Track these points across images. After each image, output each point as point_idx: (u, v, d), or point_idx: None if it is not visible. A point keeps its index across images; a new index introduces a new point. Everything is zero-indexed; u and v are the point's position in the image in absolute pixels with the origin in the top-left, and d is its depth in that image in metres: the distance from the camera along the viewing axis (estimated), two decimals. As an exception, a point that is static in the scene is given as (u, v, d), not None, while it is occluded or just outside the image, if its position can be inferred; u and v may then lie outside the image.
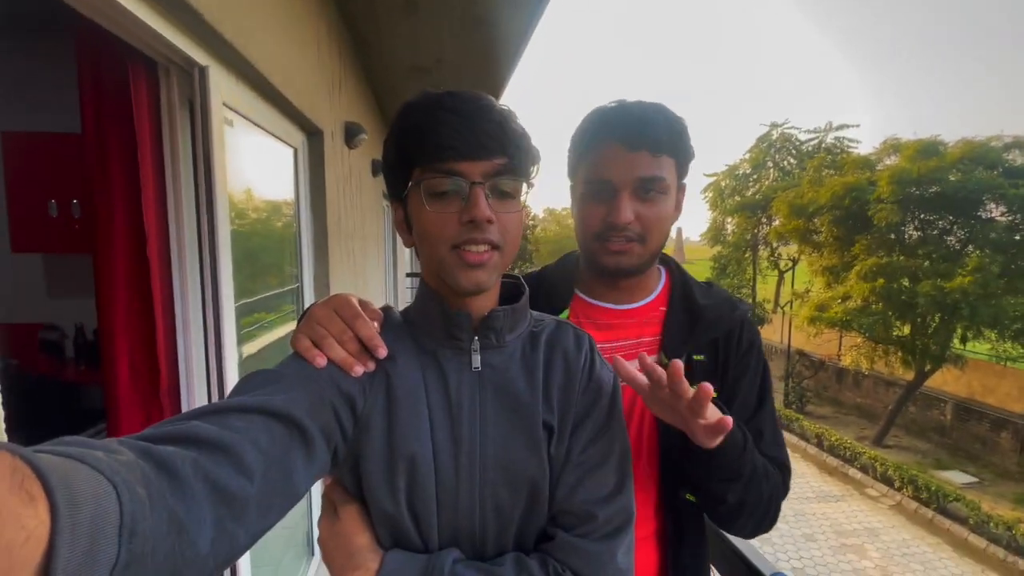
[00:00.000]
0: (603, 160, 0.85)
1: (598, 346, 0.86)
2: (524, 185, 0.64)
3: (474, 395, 0.65)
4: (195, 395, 1.34)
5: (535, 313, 0.75)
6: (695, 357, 0.89)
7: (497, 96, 4.23)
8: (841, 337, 13.09)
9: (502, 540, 0.65)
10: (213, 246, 1.31)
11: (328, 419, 0.57)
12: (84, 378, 2.64)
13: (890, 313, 10.53)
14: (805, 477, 10.30)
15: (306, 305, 2.23)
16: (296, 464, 0.52)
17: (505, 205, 0.62)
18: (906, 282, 10.54)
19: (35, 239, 2.60)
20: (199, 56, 1.21)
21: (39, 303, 2.89)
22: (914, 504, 8.78)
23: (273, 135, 1.84)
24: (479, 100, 0.62)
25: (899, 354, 11.06)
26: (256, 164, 1.71)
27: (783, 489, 0.86)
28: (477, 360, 0.66)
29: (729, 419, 0.68)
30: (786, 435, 11.97)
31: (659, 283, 0.97)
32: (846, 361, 12.66)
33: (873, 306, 10.59)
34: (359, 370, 0.61)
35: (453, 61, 3.33)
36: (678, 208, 0.90)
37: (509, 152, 0.61)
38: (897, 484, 9.20)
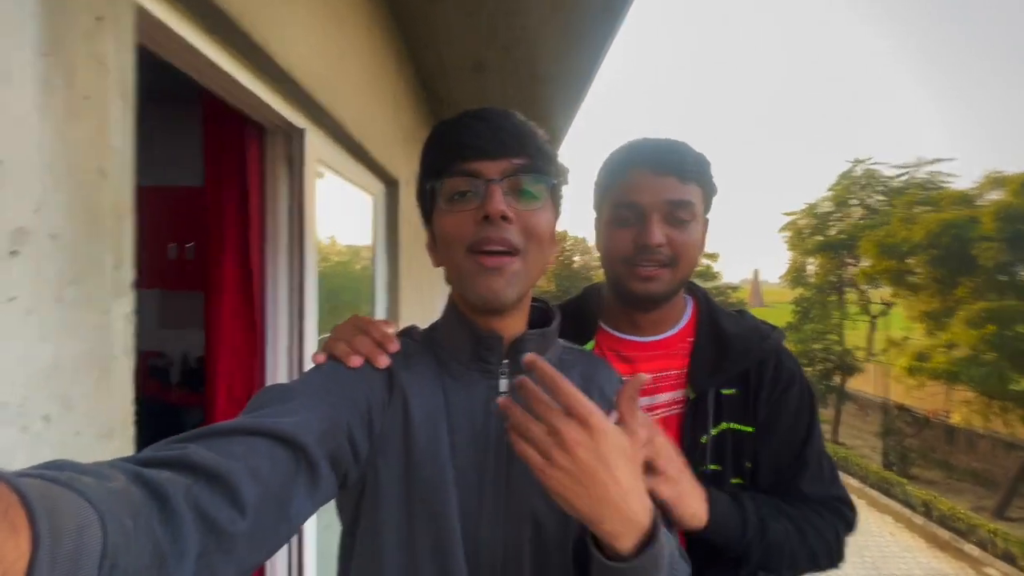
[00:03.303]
0: (632, 185, 0.85)
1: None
2: (551, 186, 0.63)
3: (499, 421, 0.62)
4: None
5: (563, 341, 0.74)
6: (724, 392, 0.86)
7: (557, 142, 4.41)
8: (948, 391, 11.72)
9: (525, 570, 0.61)
10: (302, 285, 1.47)
11: (340, 443, 0.55)
12: (185, 400, 2.95)
13: (1005, 364, 9.34)
14: (912, 552, 9.09)
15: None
16: (297, 493, 0.49)
17: (527, 206, 0.60)
18: (1022, 329, 9.38)
19: (155, 278, 3.01)
20: (298, 120, 1.41)
21: (150, 334, 3.29)
22: (1050, 590, 7.48)
23: (356, 185, 2.05)
24: (499, 109, 0.63)
25: (1019, 412, 9.71)
26: (341, 211, 1.92)
27: (841, 530, 0.83)
28: (505, 384, 0.64)
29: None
30: (886, 501, 10.76)
31: (685, 313, 0.94)
32: (956, 418, 11.29)
33: (984, 356, 9.46)
34: (383, 361, 0.62)
35: (519, 111, 3.54)
36: (704, 239, 0.90)
37: (530, 152, 0.60)
38: (1021, 563, 7.90)
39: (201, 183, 1.47)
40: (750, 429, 0.86)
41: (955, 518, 9.32)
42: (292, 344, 1.49)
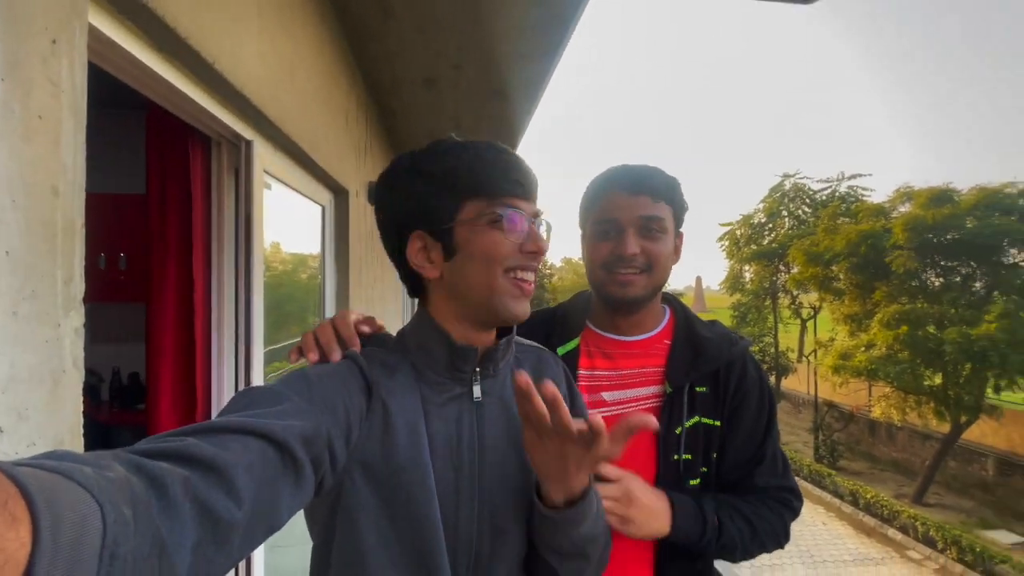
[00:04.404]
0: (610, 204, 0.98)
1: (606, 373, 1.00)
2: (545, 227, 0.75)
3: (472, 424, 0.69)
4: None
5: (518, 339, 0.81)
6: (697, 388, 0.97)
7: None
8: (869, 387, 12.68)
9: (499, 555, 0.69)
10: (248, 297, 1.46)
11: (320, 450, 0.57)
12: (117, 419, 2.79)
13: (918, 361, 10.25)
14: (842, 538, 9.74)
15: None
16: (284, 492, 0.51)
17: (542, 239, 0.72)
18: (932, 329, 10.32)
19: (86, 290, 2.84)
20: (246, 132, 1.42)
21: (80, 350, 3.10)
22: (959, 567, 8.22)
23: (304, 195, 2.05)
24: (516, 153, 0.73)
25: (931, 405, 10.66)
26: (288, 221, 1.91)
27: (788, 517, 0.98)
28: (478, 391, 0.71)
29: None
30: (818, 493, 11.44)
31: (663, 319, 1.06)
32: (876, 412, 12.22)
33: (899, 354, 10.34)
34: (336, 355, 0.68)
35: (469, 126, 3.61)
36: (677, 253, 1.02)
37: (536, 199, 0.72)
38: (940, 545, 8.66)
39: (135, 190, 1.44)
40: (718, 423, 0.97)
41: (879, 505, 10.07)
42: (238, 357, 1.47)
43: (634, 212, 0.95)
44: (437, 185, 0.68)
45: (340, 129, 2.31)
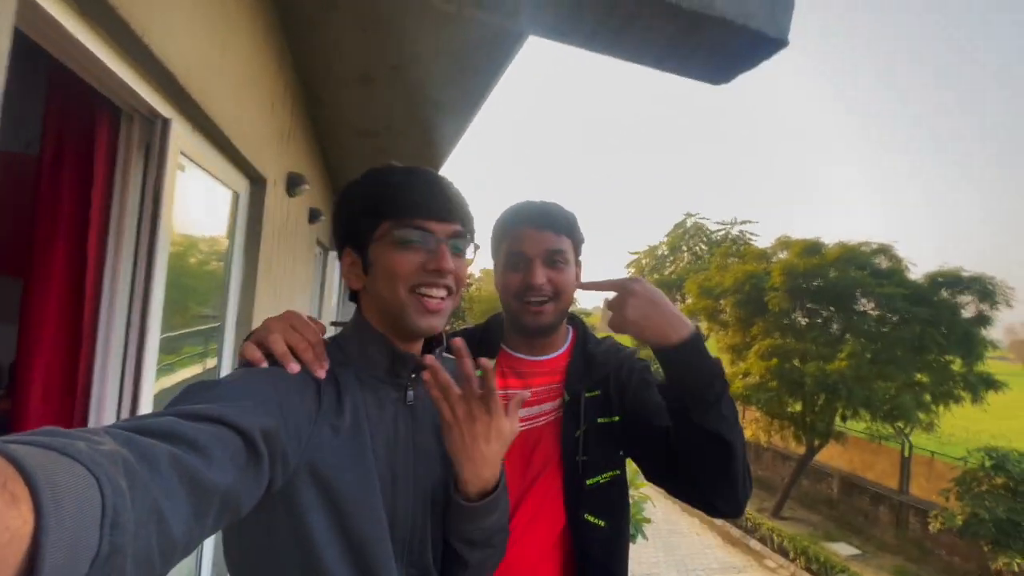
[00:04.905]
0: (519, 238, 1.08)
1: (518, 390, 1.05)
2: (472, 246, 0.80)
3: (408, 425, 0.76)
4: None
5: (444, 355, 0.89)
6: (587, 393, 1.08)
7: (438, 165, 4.52)
8: (744, 411, 14.04)
9: (428, 542, 0.76)
10: (148, 283, 1.35)
11: (276, 448, 0.59)
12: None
13: (783, 390, 11.53)
14: (712, 548, 10.60)
15: (226, 343, 2.24)
16: (248, 482, 0.54)
17: (458, 260, 0.77)
18: (797, 362, 11.68)
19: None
20: (164, 109, 1.33)
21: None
22: (806, 575, 9.28)
23: (219, 180, 1.93)
24: (442, 177, 0.79)
25: (792, 429, 12.02)
26: (198, 206, 1.79)
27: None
28: (411, 395, 0.78)
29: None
30: (691, 507, 12.33)
31: (567, 339, 1.18)
32: (747, 434, 13.53)
33: (769, 383, 11.57)
34: (322, 373, 0.70)
35: (400, 129, 3.58)
36: (578, 279, 1.13)
37: (463, 220, 0.77)
38: (792, 555, 9.72)
39: (15, 148, 1.28)
40: (616, 419, 1.07)
41: (744, 519, 11.11)
42: (128, 347, 1.36)
43: (540, 246, 1.06)
44: (361, 207, 0.76)
45: (265, 115, 2.21)
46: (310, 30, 2.30)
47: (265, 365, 0.68)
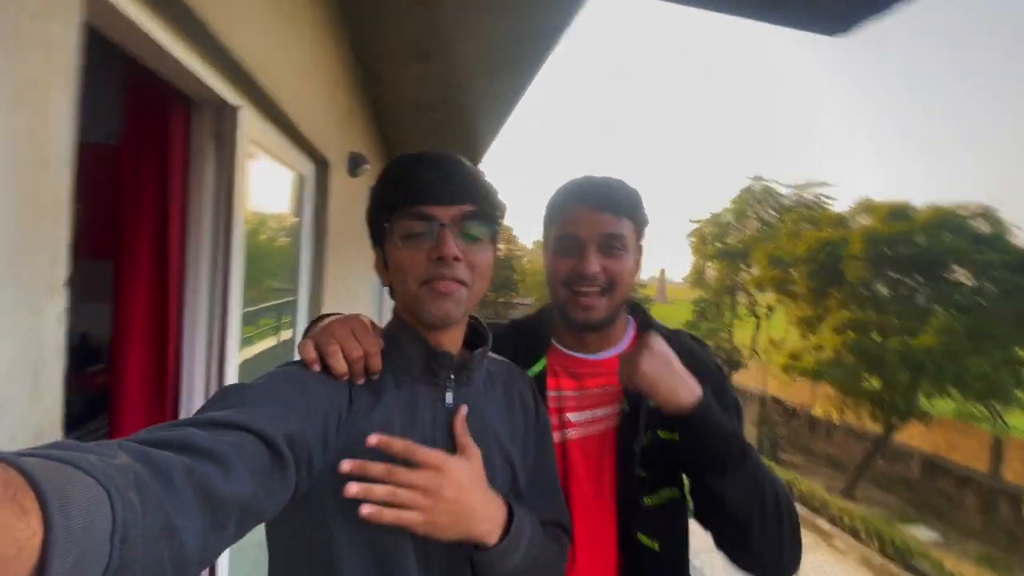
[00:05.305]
0: (572, 219, 0.95)
1: (572, 394, 0.98)
2: (493, 230, 0.72)
3: (447, 430, 0.70)
4: (196, 398, 1.41)
5: (491, 355, 0.82)
6: (651, 404, 0.93)
7: (494, 135, 4.43)
8: (814, 387, 13.37)
9: (465, 563, 0.68)
10: (227, 260, 1.40)
11: (301, 452, 0.57)
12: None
13: (860, 366, 10.82)
14: (775, 525, 10.34)
15: (299, 317, 2.33)
16: (272, 488, 0.53)
17: (473, 247, 0.69)
18: (876, 337, 10.89)
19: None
20: (233, 98, 1.33)
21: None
22: (879, 559, 8.86)
23: (286, 164, 1.96)
24: (451, 157, 0.71)
25: (868, 407, 11.32)
26: (268, 188, 1.83)
27: (785, 493, 0.87)
28: (450, 397, 0.72)
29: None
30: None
31: (627, 334, 1.03)
32: (818, 410, 12.91)
33: (844, 358, 10.89)
34: (360, 380, 0.67)
35: (457, 101, 3.52)
36: (638, 267, 0.99)
37: (476, 200, 0.69)
38: (863, 536, 9.30)
39: (99, 139, 1.33)
40: (675, 435, 0.91)
41: (812, 497, 10.71)
42: (212, 319, 1.42)
43: (596, 229, 0.93)
44: (373, 204, 0.73)
45: (326, 97, 2.21)
46: (370, 8, 2.26)
47: (318, 368, 0.66)
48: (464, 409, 0.70)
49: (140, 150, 1.33)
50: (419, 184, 0.68)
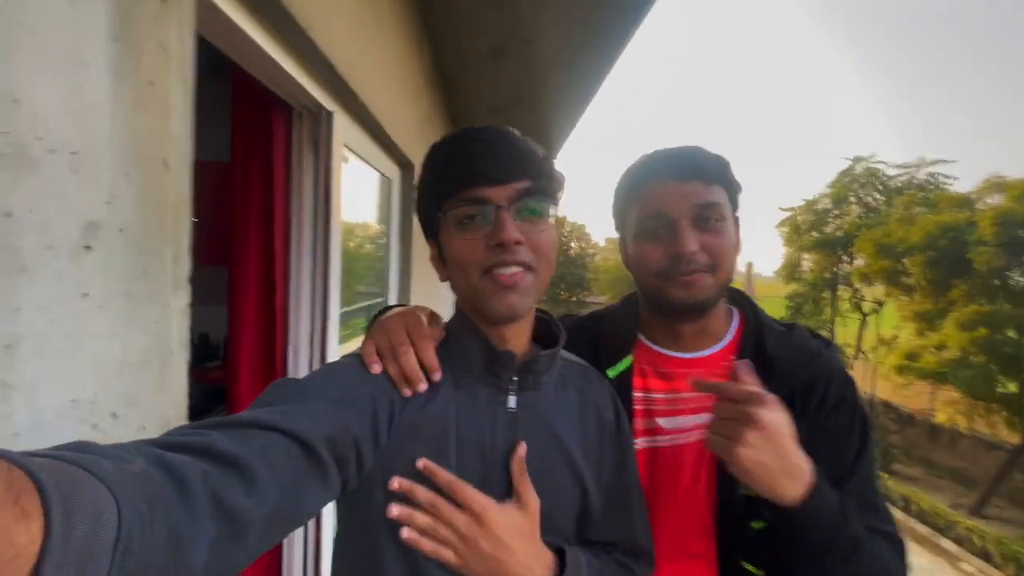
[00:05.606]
0: (655, 195, 0.81)
1: (662, 396, 0.85)
2: (554, 206, 0.66)
3: (508, 437, 0.64)
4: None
5: (564, 354, 0.75)
6: None
7: (568, 132, 4.37)
8: (934, 391, 11.94)
9: None
10: (326, 269, 1.46)
11: (346, 451, 0.55)
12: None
13: (993, 367, 9.53)
14: (889, 543, 9.37)
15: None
16: (310, 489, 0.51)
17: (534, 226, 0.63)
18: (1012, 334, 9.54)
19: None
20: (328, 103, 1.38)
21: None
22: (1021, 587, 7.75)
23: (375, 167, 2.03)
24: (499, 130, 0.64)
25: (1003, 414, 9.94)
26: (360, 193, 1.89)
27: (898, 568, 0.73)
28: (513, 401, 0.65)
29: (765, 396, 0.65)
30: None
31: (730, 328, 0.88)
32: (940, 417, 11.55)
33: (973, 358, 9.64)
34: (408, 392, 0.61)
35: (530, 101, 3.49)
36: (739, 242, 0.85)
37: (531, 175, 0.62)
38: (997, 560, 8.16)
39: (212, 157, 1.45)
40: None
41: (934, 514, 9.57)
42: (314, 320, 1.49)
43: (686, 201, 0.79)
44: (424, 192, 0.68)
45: (410, 101, 2.26)
46: (446, 10, 2.29)
47: (378, 369, 0.62)
48: (523, 448, 0.63)
49: (248, 159, 1.42)
50: (468, 164, 0.62)
